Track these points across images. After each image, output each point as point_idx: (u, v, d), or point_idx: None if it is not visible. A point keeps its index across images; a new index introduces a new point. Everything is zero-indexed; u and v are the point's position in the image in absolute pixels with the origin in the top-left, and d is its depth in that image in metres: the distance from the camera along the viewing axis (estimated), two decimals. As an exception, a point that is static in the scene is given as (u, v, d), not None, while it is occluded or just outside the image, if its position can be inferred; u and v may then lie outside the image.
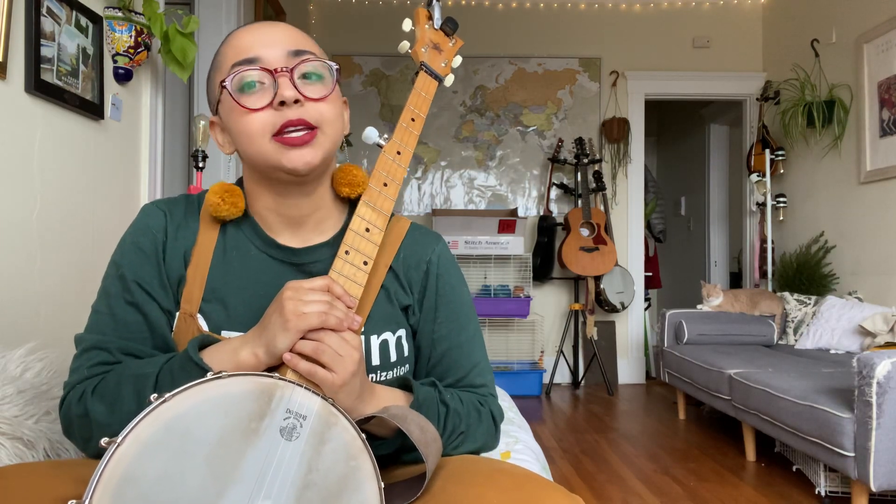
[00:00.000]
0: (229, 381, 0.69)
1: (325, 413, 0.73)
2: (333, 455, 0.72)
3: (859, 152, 3.50)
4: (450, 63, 0.98)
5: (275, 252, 0.89)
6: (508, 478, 0.75)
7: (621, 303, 4.39)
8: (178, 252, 0.87)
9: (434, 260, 0.95)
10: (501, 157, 4.67)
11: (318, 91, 0.82)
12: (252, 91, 0.80)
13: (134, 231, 0.88)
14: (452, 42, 0.99)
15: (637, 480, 2.53)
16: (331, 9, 4.64)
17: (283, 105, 0.79)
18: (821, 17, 3.90)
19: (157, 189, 2.20)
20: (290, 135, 0.80)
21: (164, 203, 0.90)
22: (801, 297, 3.58)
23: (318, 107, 0.81)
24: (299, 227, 0.89)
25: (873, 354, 1.99)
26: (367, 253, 0.84)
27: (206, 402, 0.68)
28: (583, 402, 4.01)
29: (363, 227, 0.84)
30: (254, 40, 0.82)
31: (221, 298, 0.86)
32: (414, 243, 0.95)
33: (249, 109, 0.80)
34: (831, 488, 2.29)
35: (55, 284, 1.73)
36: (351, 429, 0.73)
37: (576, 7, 4.68)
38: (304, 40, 0.85)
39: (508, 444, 1.40)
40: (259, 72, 0.80)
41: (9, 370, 1.12)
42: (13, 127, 1.57)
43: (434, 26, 0.98)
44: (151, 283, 0.85)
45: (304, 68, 0.82)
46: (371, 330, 0.88)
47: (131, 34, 1.92)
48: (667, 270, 5.91)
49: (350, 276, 0.82)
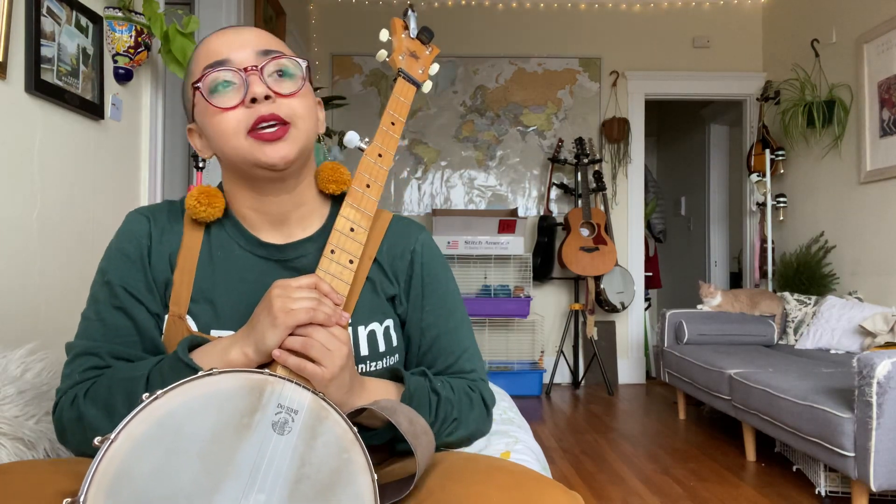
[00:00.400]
0: (220, 377, 0.70)
1: (316, 407, 0.73)
2: (325, 448, 0.72)
3: (859, 152, 3.50)
4: (427, 70, 1.01)
5: (259, 250, 0.90)
6: (508, 475, 0.76)
7: (621, 303, 4.38)
8: (163, 256, 0.88)
9: (418, 249, 0.96)
10: (501, 157, 4.67)
11: (289, 87, 0.84)
12: (224, 91, 0.82)
13: (118, 238, 0.90)
14: (429, 50, 1.02)
15: (637, 480, 2.53)
16: (331, 9, 4.64)
17: (255, 102, 0.81)
18: (821, 17, 3.90)
19: (157, 189, 2.20)
20: (263, 130, 0.81)
21: (147, 209, 0.92)
22: (801, 297, 3.58)
23: (290, 102, 0.83)
24: (282, 224, 0.91)
25: (873, 354, 1.99)
26: (352, 252, 0.85)
27: (198, 399, 0.69)
28: (583, 402, 4.01)
29: (348, 227, 0.86)
30: (222, 43, 0.84)
31: (209, 299, 0.87)
32: (397, 234, 0.96)
33: (222, 109, 0.82)
34: (831, 488, 2.29)
35: (55, 284, 1.73)
36: (342, 422, 0.73)
37: (576, 7, 4.68)
38: (273, 41, 0.87)
39: (508, 444, 1.40)
40: (229, 72, 0.82)
41: (9, 371, 1.12)
42: (13, 127, 1.57)
43: (410, 35, 1.01)
44: (138, 288, 0.87)
45: (274, 66, 0.83)
46: (358, 321, 0.90)
47: (131, 34, 1.92)
48: (667, 270, 5.91)
49: (336, 274, 0.84)
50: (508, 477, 0.75)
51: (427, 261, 0.96)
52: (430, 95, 4.64)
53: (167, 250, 0.89)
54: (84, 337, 0.86)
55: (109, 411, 0.78)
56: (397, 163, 4.64)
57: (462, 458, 0.84)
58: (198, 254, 0.89)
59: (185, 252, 0.89)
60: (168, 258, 0.88)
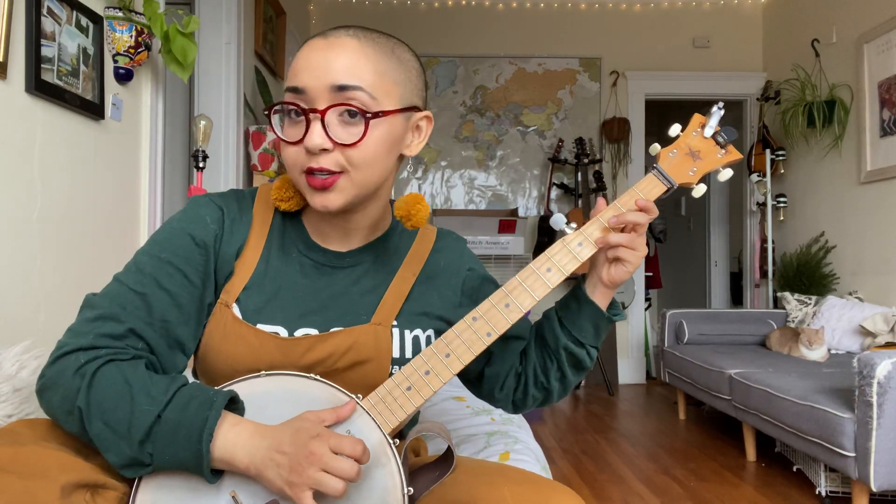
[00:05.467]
0: (316, 383, 0.79)
1: (379, 450, 0.76)
2: (369, 492, 0.74)
3: (860, 152, 3.50)
4: (705, 172, 0.92)
5: (316, 256, 0.91)
6: (519, 473, 0.81)
7: (622, 303, 4.38)
8: (233, 245, 0.88)
9: (471, 266, 1.03)
10: (502, 157, 4.67)
11: (351, 135, 0.79)
12: (292, 121, 0.81)
13: (185, 219, 0.87)
14: (721, 153, 0.92)
15: (637, 480, 2.53)
16: (331, 9, 4.64)
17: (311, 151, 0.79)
18: (821, 17, 3.90)
19: (157, 189, 2.20)
20: (314, 176, 0.80)
21: (217, 197, 0.91)
22: (802, 297, 3.57)
23: (348, 152, 0.80)
24: (346, 235, 0.92)
25: (874, 354, 1.98)
26: (495, 325, 0.84)
27: (289, 392, 0.79)
28: (583, 402, 4.01)
29: (504, 303, 0.84)
30: (307, 65, 0.80)
31: (259, 292, 0.87)
32: (445, 249, 1.00)
33: (286, 142, 0.82)
34: (832, 488, 2.28)
35: (55, 284, 1.73)
36: (398, 477, 0.75)
37: (576, 7, 4.68)
38: (359, 69, 0.80)
39: (508, 445, 1.39)
40: (294, 110, 0.80)
41: (4, 368, 1.12)
42: (13, 127, 1.57)
43: (704, 134, 0.92)
44: (196, 273, 0.84)
45: (343, 108, 0.79)
46: (403, 324, 0.91)
47: (132, 34, 1.92)
48: (667, 270, 5.90)
49: (468, 341, 0.83)
50: (520, 474, 0.80)
51: (477, 279, 1.03)
52: (431, 95, 4.64)
53: (238, 240, 0.89)
54: (113, 300, 0.80)
55: (101, 411, 0.72)
56: (397, 163, 4.65)
57: (471, 461, 0.90)
58: (261, 248, 0.89)
59: (251, 243, 0.89)
60: (237, 248, 0.88)
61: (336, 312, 0.88)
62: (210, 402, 0.73)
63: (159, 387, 0.74)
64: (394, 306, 0.90)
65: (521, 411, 1.03)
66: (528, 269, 0.86)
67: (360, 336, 0.87)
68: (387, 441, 0.76)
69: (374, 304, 0.90)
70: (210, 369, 0.88)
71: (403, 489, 0.74)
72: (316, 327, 0.87)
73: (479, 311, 0.84)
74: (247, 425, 0.74)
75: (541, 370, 0.97)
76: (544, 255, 0.87)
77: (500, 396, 1.01)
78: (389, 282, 0.92)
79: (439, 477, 0.82)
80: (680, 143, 0.92)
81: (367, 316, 0.89)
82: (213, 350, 0.86)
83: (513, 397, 1.01)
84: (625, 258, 0.86)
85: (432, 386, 0.81)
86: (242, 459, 0.72)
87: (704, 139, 0.92)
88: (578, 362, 0.95)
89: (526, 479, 0.79)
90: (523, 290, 0.85)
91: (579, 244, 0.87)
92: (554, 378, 0.96)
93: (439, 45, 4.65)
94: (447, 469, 0.83)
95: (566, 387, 0.98)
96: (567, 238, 0.87)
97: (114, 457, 0.72)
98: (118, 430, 0.72)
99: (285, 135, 0.82)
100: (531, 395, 0.98)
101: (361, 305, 0.89)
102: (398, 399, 0.80)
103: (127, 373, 0.75)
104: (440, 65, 4.65)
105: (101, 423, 0.72)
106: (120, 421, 0.72)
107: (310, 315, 0.87)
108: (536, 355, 0.98)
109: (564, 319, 0.94)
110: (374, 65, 0.81)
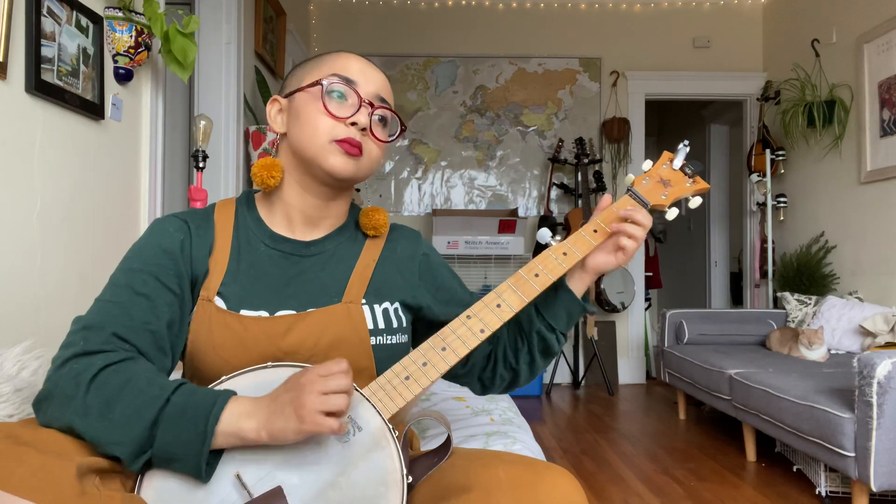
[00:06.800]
0: None
1: (379, 434, 0.80)
2: (367, 473, 0.78)
3: (860, 152, 3.50)
4: (675, 198, 1.07)
5: (283, 246, 0.99)
6: (513, 456, 0.86)
7: (622, 303, 4.38)
8: (202, 248, 0.95)
9: (426, 252, 1.10)
10: (502, 157, 4.67)
11: (381, 135, 0.99)
12: (338, 101, 0.95)
13: (150, 233, 0.95)
14: (689, 182, 1.08)
15: (637, 480, 2.53)
16: (331, 9, 4.64)
17: (354, 126, 0.94)
18: (821, 17, 3.90)
19: (157, 189, 2.20)
20: (346, 144, 0.93)
21: (178, 213, 0.99)
22: (802, 297, 3.57)
23: (372, 144, 0.97)
24: (312, 225, 1.01)
25: (874, 354, 1.99)
26: (489, 324, 0.93)
27: None
28: (583, 402, 4.01)
29: (495, 303, 0.94)
30: (359, 69, 0.98)
31: (236, 282, 0.94)
32: (401, 238, 1.10)
33: (330, 114, 0.94)
34: (832, 488, 2.28)
35: (55, 284, 1.73)
36: (397, 460, 0.79)
37: (576, 7, 4.68)
38: (390, 94, 1.02)
39: (507, 445, 1.40)
40: (353, 93, 0.95)
41: (5, 368, 1.12)
42: (13, 127, 1.57)
43: (673, 167, 1.08)
44: (168, 276, 0.90)
45: (383, 113, 0.99)
46: (371, 300, 0.99)
47: (132, 34, 1.92)
48: (667, 270, 5.91)
49: (462, 336, 0.91)
50: (514, 457, 0.86)
51: (434, 262, 1.12)
52: (431, 95, 4.65)
53: (205, 243, 0.96)
54: (95, 314, 0.85)
55: (104, 411, 0.75)
56: (397, 163, 4.65)
57: (468, 449, 0.95)
58: (229, 247, 0.97)
59: (218, 244, 0.96)
60: (207, 249, 0.95)
61: (309, 296, 0.96)
62: (216, 392, 0.79)
63: (163, 378, 0.80)
64: (361, 287, 0.99)
65: (488, 392, 1.13)
66: (517, 276, 0.97)
67: (334, 314, 0.94)
68: (386, 426, 0.81)
69: (343, 286, 0.98)
70: (200, 367, 0.91)
71: (402, 469, 0.78)
72: (294, 310, 0.94)
73: (473, 311, 0.93)
74: (246, 399, 0.80)
75: (511, 351, 1.07)
76: (533, 262, 0.98)
77: (462, 372, 1.10)
78: (353, 266, 1.01)
79: (436, 463, 0.87)
80: (652, 172, 1.07)
81: (338, 297, 0.97)
82: (200, 344, 0.90)
83: (480, 375, 1.11)
84: (626, 246, 1.00)
85: (429, 376, 0.88)
86: (250, 425, 0.77)
87: (673, 171, 1.08)
88: (547, 347, 1.05)
89: (520, 460, 0.83)
90: (513, 292, 0.95)
91: (564, 254, 0.99)
92: (523, 361, 1.06)
93: (439, 45, 4.65)
94: (444, 456, 0.89)
95: (534, 370, 1.08)
96: (552, 248, 0.99)
97: (121, 448, 0.74)
98: (126, 417, 0.75)
99: (330, 108, 0.93)
100: (499, 374, 1.08)
101: (331, 288, 0.98)
102: (397, 388, 0.87)
103: (126, 370, 0.79)
104: (440, 65, 4.65)
105: (106, 420, 0.75)
106: (127, 407, 0.75)
107: (288, 299, 0.95)
108: (508, 337, 1.07)
109: (540, 305, 1.04)
110: (392, 98, 1.03)
